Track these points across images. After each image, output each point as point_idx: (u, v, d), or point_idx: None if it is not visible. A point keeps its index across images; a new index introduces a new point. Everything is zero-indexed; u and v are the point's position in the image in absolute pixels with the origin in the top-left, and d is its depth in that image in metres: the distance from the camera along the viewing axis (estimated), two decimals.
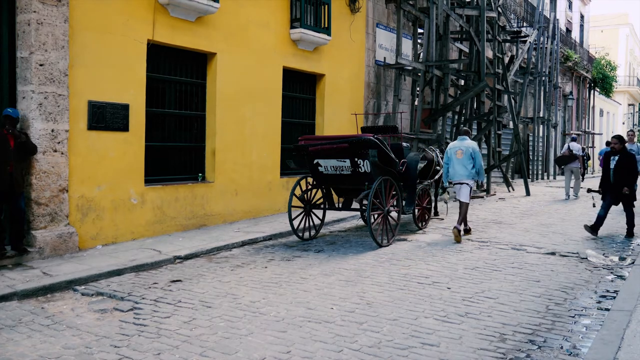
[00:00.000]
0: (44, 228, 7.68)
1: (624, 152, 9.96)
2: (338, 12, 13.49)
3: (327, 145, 9.20)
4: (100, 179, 8.49)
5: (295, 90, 12.83)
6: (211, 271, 7.42)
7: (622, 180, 9.79)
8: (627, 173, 9.86)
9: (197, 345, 4.81)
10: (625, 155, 9.98)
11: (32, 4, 7.43)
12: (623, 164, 9.84)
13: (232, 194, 10.85)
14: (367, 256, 8.31)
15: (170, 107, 9.92)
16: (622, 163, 9.85)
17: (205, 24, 10.03)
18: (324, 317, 5.52)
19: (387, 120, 15.67)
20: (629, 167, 9.88)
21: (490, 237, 9.94)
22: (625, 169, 9.84)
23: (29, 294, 6.17)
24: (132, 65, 8.87)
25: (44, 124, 7.62)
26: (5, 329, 5.16)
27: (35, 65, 7.49)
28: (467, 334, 5.07)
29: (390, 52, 15.81)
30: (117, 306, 5.88)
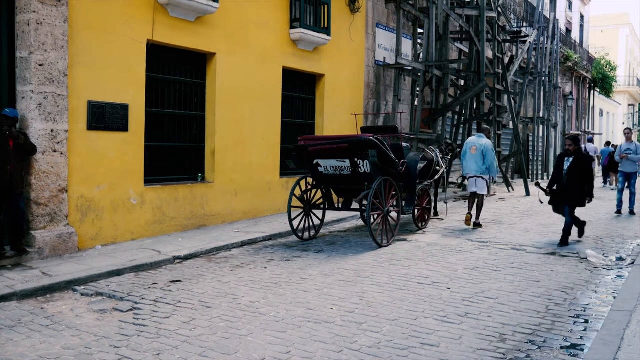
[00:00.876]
0: (43, 228, 7.67)
1: (578, 154, 9.28)
2: (338, 12, 13.49)
3: (326, 146, 9.20)
4: (99, 179, 8.48)
5: (295, 91, 12.82)
6: (211, 271, 7.41)
7: (577, 184, 9.12)
8: (581, 176, 9.14)
9: (196, 345, 4.81)
10: (580, 157, 9.27)
11: (32, 4, 7.42)
12: (577, 166, 9.14)
13: (232, 194, 10.85)
14: (366, 256, 8.31)
15: (169, 107, 9.92)
16: (577, 165, 9.15)
17: (204, 24, 10.02)
18: (324, 318, 5.51)
19: (387, 121, 15.67)
20: (584, 170, 9.17)
21: (490, 237, 9.93)
22: (579, 172, 9.12)
23: (28, 294, 6.16)
24: (132, 65, 8.86)
25: (44, 124, 7.61)
26: (4, 329, 5.16)
27: (34, 66, 7.48)
28: (467, 334, 5.07)
29: (390, 52, 15.80)
30: (117, 306, 5.88)
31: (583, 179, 9.14)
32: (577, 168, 9.11)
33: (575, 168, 9.13)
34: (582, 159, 9.23)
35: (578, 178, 9.11)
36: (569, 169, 9.20)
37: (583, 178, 9.14)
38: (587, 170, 9.22)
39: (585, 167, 9.18)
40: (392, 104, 15.81)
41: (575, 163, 9.17)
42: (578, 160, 9.19)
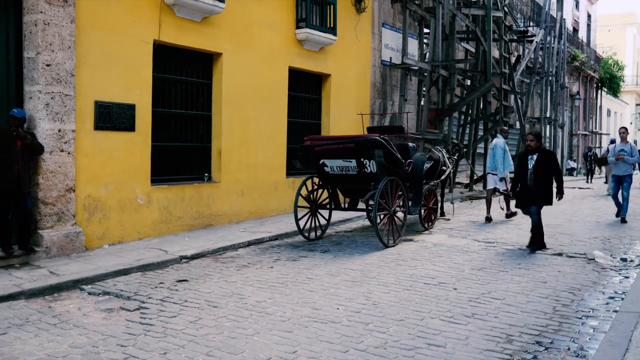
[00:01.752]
0: (50, 227, 7.70)
1: (542, 151, 8.75)
2: (344, 12, 13.48)
3: (333, 146, 9.19)
4: (106, 179, 8.51)
5: (301, 90, 12.82)
6: (217, 271, 7.43)
7: (544, 182, 8.59)
8: (548, 173, 8.63)
9: (203, 344, 4.81)
10: (545, 153, 8.76)
11: (39, 5, 7.46)
12: (543, 163, 8.60)
13: (238, 194, 10.86)
14: (373, 256, 8.30)
15: (176, 107, 9.94)
16: (543, 162, 8.61)
17: (211, 24, 10.04)
18: (330, 318, 5.51)
19: (393, 121, 15.65)
20: (552, 166, 8.66)
21: (497, 237, 9.90)
22: (546, 169, 8.60)
23: (36, 293, 6.20)
24: (139, 65, 8.89)
25: (51, 124, 7.65)
26: (12, 328, 5.18)
27: (42, 66, 7.52)
28: (473, 335, 5.05)
29: (397, 52, 15.79)
30: (124, 305, 5.89)
31: (551, 176, 8.67)
32: (543, 165, 8.60)
33: (540, 165, 8.61)
34: (547, 155, 8.78)
35: (545, 175, 8.62)
36: (534, 167, 8.65)
37: (551, 175, 8.67)
38: (555, 165, 8.72)
39: (552, 163, 8.70)
40: (398, 103, 15.79)
41: (541, 160, 8.65)
42: (543, 157, 8.69)
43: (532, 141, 8.73)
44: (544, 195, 8.64)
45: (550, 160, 8.70)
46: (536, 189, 8.62)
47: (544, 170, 8.61)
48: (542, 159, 8.65)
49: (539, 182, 8.59)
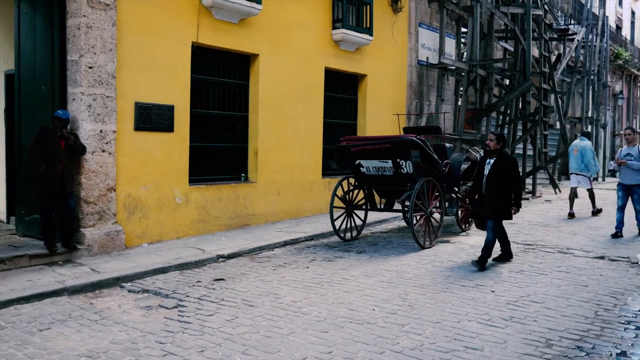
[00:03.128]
0: (92, 226, 7.89)
1: (500, 155, 7.67)
2: (380, 12, 13.43)
3: (369, 146, 9.17)
4: (146, 179, 8.67)
5: (337, 91, 12.82)
6: (253, 270, 7.49)
7: (498, 192, 7.55)
8: (504, 182, 7.54)
9: (239, 343, 4.86)
10: (503, 158, 7.65)
11: (82, 9, 7.65)
12: (499, 169, 7.56)
13: (274, 194, 10.93)
14: (409, 258, 8.25)
15: (213, 108, 10.06)
16: (498, 168, 7.57)
17: (248, 25, 10.13)
18: (366, 319, 5.50)
19: (429, 121, 15.52)
20: (509, 174, 7.56)
21: (536, 239, 9.72)
22: (501, 176, 7.54)
23: (78, 289, 6.36)
24: (177, 67, 9.03)
25: (93, 125, 7.83)
26: (56, 323, 5.33)
27: (84, 68, 7.71)
28: (511, 339, 4.98)
29: (433, 52, 15.65)
30: (162, 303, 6.00)
31: (506, 185, 7.55)
32: (499, 172, 7.55)
33: (496, 172, 7.56)
34: (505, 160, 7.64)
35: (500, 184, 7.53)
36: (488, 173, 7.64)
37: (506, 183, 7.55)
38: (512, 173, 7.59)
39: (508, 169, 7.58)
40: (435, 104, 15.65)
41: (497, 166, 7.59)
42: (500, 162, 7.60)
43: (492, 141, 7.68)
44: (498, 208, 7.58)
45: (507, 166, 7.58)
46: (489, 200, 7.61)
47: (501, 178, 7.53)
48: (499, 165, 7.58)
49: (493, 191, 7.56)
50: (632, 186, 9.88)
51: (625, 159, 9.90)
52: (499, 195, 7.56)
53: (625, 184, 10.00)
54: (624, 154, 10.03)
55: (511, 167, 7.63)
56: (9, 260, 7.04)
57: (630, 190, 9.93)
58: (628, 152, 9.98)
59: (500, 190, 7.56)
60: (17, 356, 4.55)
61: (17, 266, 7.06)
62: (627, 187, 9.95)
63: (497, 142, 7.65)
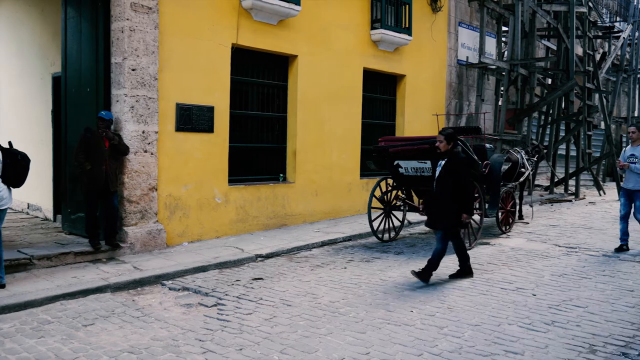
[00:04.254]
0: (134, 225, 8.06)
1: (451, 156, 6.84)
2: (419, 11, 13.34)
3: (407, 147, 9.12)
4: (186, 179, 8.81)
5: (376, 91, 12.79)
6: (291, 270, 7.53)
7: (447, 197, 6.76)
8: (455, 185, 6.71)
9: (277, 342, 4.90)
10: (453, 159, 6.82)
11: (126, 12, 7.82)
12: (450, 172, 6.76)
13: (312, 194, 10.96)
14: (447, 259, 8.15)
15: (252, 109, 10.15)
16: (447, 171, 6.78)
17: (287, 27, 10.19)
18: (404, 320, 5.47)
19: (469, 121, 15.33)
20: (459, 177, 6.74)
21: (580, 242, 9.50)
22: (452, 180, 6.72)
23: (121, 286, 6.50)
24: (217, 68, 9.14)
25: (135, 126, 8.00)
26: (99, 319, 5.46)
27: (127, 70, 7.88)
28: (553, 344, 4.88)
29: (473, 51, 15.45)
30: (202, 301, 6.08)
31: (457, 189, 6.72)
32: (449, 174, 6.75)
33: (445, 175, 6.79)
34: (455, 161, 6.80)
35: (448, 189, 6.74)
36: (438, 176, 6.91)
37: (457, 188, 6.72)
38: (461, 176, 6.75)
39: (458, 172, 6.75)
40: (474, 104, 15.45)
41: (447, 167, 6.81)
42: (450, 163, 6.80)
43: (441, 142, 6.83)
44: (447, 214, 6.79)
45: (457, 168, 6.76)
46: (438, 205, 6.92)
47: (451, 181, 6.72)
48: (449, 166, 6.79)
49: (442, 196, 6.81)
50: (637, 192, 8.48)
51: (629, 160, 8.55)
52: (449, 200, 6.74)
53: (628, 190, 8.59)
54: (628, 155, 8.65)
55: (461, 169, 6.80)
56: (56, 257, 7.27)
57: (633, 196, 8.55)
58: (632, 153, 8.60)
59: (450, 195, 6.74)
60: (62, 350, 4.69)
61: (63, 263, 7.28)
62: (631, 192, 8.55)
63: (446, 143, 6.80)
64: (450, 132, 6.87)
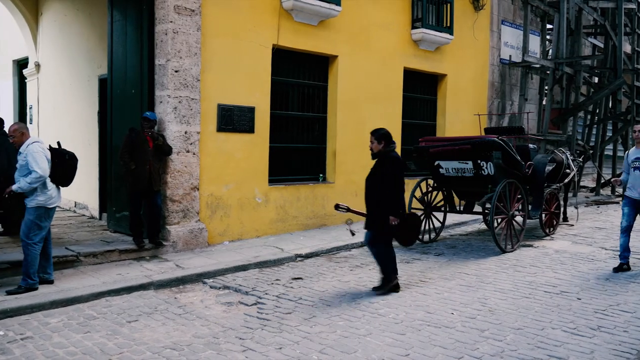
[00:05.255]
0: (177, 224, 8.20)
1: (383, 156, 6.38)
2: (461, 10, 13.17)
3: (448, 147, 9.02)
4: (227, 179, 8.92)
5: (416, 91, 12.69)
6: (331, 270, 7.54)
7: (375, 200, 6.34)
8: (386, 187, 6.26)
9: (316, 342, 4.91)
10: (384, 160, 6.34)
11: (169, 15, 7.97)
12: (378, 174, 6.36)
13: (352, 194, 10.94)
14: (489, 261, 8.04)
15: (293, 109, 10.20)
16: (377, 172, 6.38)
17: (327, 27, 10.20)
18: (444, 322, 5.41)
19: (512, 121, 15.06)
20: (388, 180, 6.24)
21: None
22: (383, 181, 6.28)
23: (163, 284, 6.63)
24: (258, 69, 9.22)
25: (178, 126, 8.14)
26: (143, 316, 5.58)
27: (171, 72, 8.03)
28: (599, 349, 4.75)
29: (516, 50, 15.17)
30: (242, 300, 6.15)
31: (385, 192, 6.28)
32: (377, 176, 6.35)
33: (375, 176, 6.39)
34: (386, 162, 6.32)
35: (378, 191, 6.33)
36: (368, 177, 6.54)
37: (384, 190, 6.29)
38: (390, 177, 6.25)
39: (388, 174, 6.27)
40: (518, 103, 15.17)
41: (377, 169, 6.42)
42: (381, 162, 6.38)
43: (372, 143, 6.42)
44: (377, 218, 6.38)
45: (386, 170, 6.29)
46: (367, 209, 6.52)
47: (382, 182, 6.29)
48: (380, 166, 6.38)
49: (372, 199, 6.39)
50: None
51: (633, 165, 7.58)
52: (376, 204, 6.35)
53: (634, 199, 7.58)
54: (632, 158, 7.63)
55: (392, 169, 6.26)
56: (101, 254, 7.46)
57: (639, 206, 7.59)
58: (638, 156, 7.58)
59: (375, 200, 6.34)
60: (107, 345, 4.81)
61: (108, 260, 7.47)
62: (637, 202, 7.57)
63: (377, 143, 6.36)
64: (382, 132, 6.39)
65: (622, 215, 7.68)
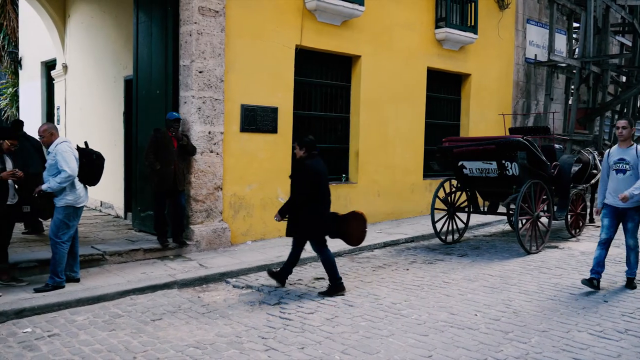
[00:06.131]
0: (200, 223, 8.27)
1: (301, 162, 6.43)
2: (485, 9, 13.05)
3: (472, 147, 8.95)
4: (250, 179, 8.96)
5: (440, 91, 12.61)
6: (353, 271, 7.53)
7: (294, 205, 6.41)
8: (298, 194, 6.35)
9: (339, 342, 4.91)
10: (302, 166, 6.41)
11: (194, 16, 8.04)
12: (294, 180, 6.56)
13: (375, 195, 10.92)
14: (513, 263, 7.96)
15: (315, 110, 10.22)
16: (295, 177, 6.60)
17: (350, 27, 10.19)
18: (467, 324, 5.37)
19: (537, 121, 14.89)
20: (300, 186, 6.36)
21: None
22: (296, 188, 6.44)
23: (187, 283, 6.69)
24: (281, 69, 9.25)
25: (202, 127, 8.20)
26: (167, 314, 5.64)
27: (195, 72, 8.09)
28: (626, 353, 4.67)
29: (542, 49, 14.99)
30: (265, 300, 6.17)
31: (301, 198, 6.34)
32: (297, 181, 6.50)
33: (295, 182, 6.54)
34: (302, 168, 6.41)
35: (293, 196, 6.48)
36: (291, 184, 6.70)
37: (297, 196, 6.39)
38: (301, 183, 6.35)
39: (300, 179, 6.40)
40: (543, 103, 14.99)
41: (295, 175, 6.63)
42: (298, 170, 6.57)
43: (295, 149, 6.54)
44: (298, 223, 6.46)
45: (299, 177, 6.42)
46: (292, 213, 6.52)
47: (295, 189, 6.48)
48: (295, 173, 6.65)
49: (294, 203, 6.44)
50: (627, 210, 6.54)
51: (616, 167, 6.60)
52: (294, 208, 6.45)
53: (614, 207, 6.60)
54: (615, 159, 6.63)
55: (302, 176, 6.36)
56: (126, 253, 7.55)
57: (622, 216, 6.61)
58: (621, 156, 6.58)
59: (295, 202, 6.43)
60: (132, 343, 4.87)
61: (133, 259, 7.56)
62: (621, 211, 6.58)
63: (300, 149, 6.42)
64: (306, 140, 6.42)
65: (602, 228, 6.71)
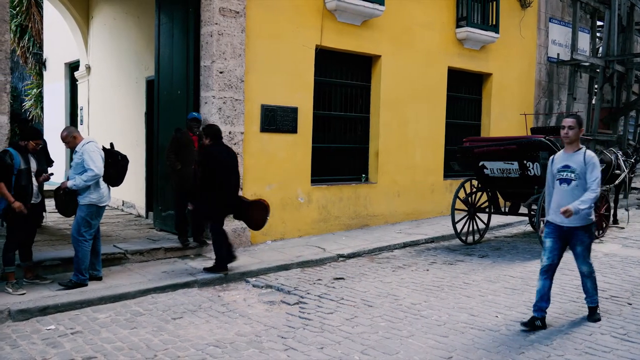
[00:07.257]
0: None
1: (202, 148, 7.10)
2: (507, 8, 12.93)
3: (493, 147, 8.88)
4: (270, 179, 8.99)
5: (460, 91, 12.52)
6: (373, 271, 7.52)
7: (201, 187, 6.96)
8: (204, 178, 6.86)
9: (358, 342, 4.91)
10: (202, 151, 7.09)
11: (214, 17, 8.09)
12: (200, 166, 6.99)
13: (394, 195, 10.89)
14: (535, 264, 7.86)
15: (335, 110, 10.21)
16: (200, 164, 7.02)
17: (370, 27, 10.17)
18: (488, 325, 5.33)
19: (560, 121, 14.70)
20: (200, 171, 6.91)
21: None
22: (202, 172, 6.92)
23: (207, 282, 6.73)
24: (301, 70, 9.27)
25: (223, 127, 8.23)
26: (187, 313, 5.69)
27: (216, 73, 8.15)
28: None
29: (565, 48, 14.80)
30: (284, 299, 6.19)
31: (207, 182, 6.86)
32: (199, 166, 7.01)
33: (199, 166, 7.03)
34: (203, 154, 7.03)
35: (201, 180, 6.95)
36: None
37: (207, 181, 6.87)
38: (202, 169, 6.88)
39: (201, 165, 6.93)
40: (566, 102, 14.81)
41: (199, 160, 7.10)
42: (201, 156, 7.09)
43: (201, 138, 7.19)
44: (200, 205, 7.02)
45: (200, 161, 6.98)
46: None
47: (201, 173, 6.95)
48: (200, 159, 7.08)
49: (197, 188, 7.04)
50: (573, 230, 5.34)
51: (560, 176, 5.44)
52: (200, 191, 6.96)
53: (560, 226, 5.38)
54: (559, 167, 5.48)
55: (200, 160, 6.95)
56: (147, 252, 7.63)
57: (570, 237, 5.41)
58: (566, 163, 5.43)
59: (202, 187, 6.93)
60: (153, 341, 4.92)
61: (154, 258, 7.63)
62: (565, 231, 5.37)
63: (205, 137, 6.97)
64: (213, 129, 7.01)
65: (543, 251, 5.47)
